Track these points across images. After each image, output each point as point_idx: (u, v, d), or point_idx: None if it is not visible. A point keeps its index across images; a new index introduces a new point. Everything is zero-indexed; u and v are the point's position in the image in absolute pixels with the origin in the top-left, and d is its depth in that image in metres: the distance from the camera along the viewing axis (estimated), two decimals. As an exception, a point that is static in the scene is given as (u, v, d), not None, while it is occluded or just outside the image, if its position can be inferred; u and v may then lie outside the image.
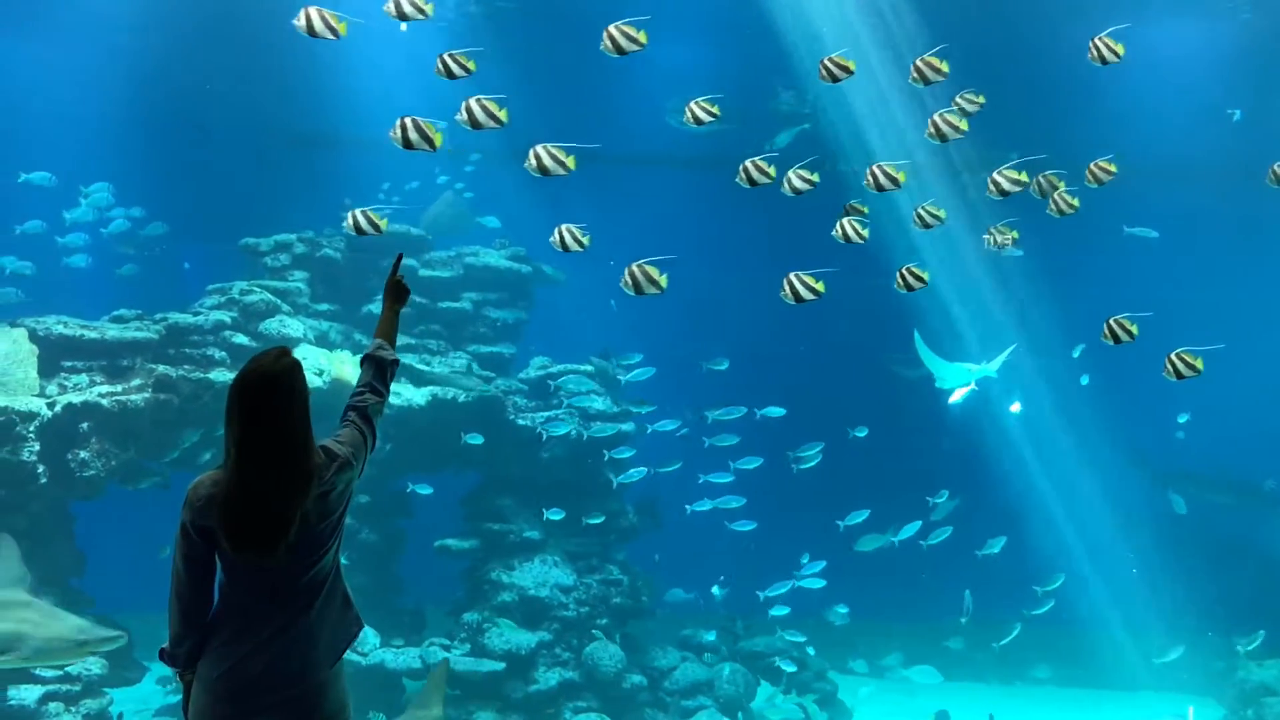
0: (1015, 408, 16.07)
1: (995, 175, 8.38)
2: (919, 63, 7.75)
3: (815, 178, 8.18)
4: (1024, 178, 8.49)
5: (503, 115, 6.87)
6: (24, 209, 16.31)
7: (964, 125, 7.99)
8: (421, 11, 7.16)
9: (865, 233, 8.06)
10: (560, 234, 7.44)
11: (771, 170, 7.76)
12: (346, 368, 13.22)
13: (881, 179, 7.80)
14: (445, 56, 6.95)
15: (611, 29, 7.04)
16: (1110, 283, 18.61)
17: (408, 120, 6.80)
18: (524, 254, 15.70)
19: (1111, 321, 7.94)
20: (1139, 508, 17.62)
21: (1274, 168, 8.39)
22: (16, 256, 15.92)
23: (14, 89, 17.72)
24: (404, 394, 13.52)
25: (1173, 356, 7.58)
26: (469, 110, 6.83)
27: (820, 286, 7.55)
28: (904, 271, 8.11)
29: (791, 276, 7.55)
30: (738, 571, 14.84)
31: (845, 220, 8.01)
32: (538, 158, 6.92)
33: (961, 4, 15.16)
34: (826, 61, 7.67)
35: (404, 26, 16.23)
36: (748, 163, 7.75)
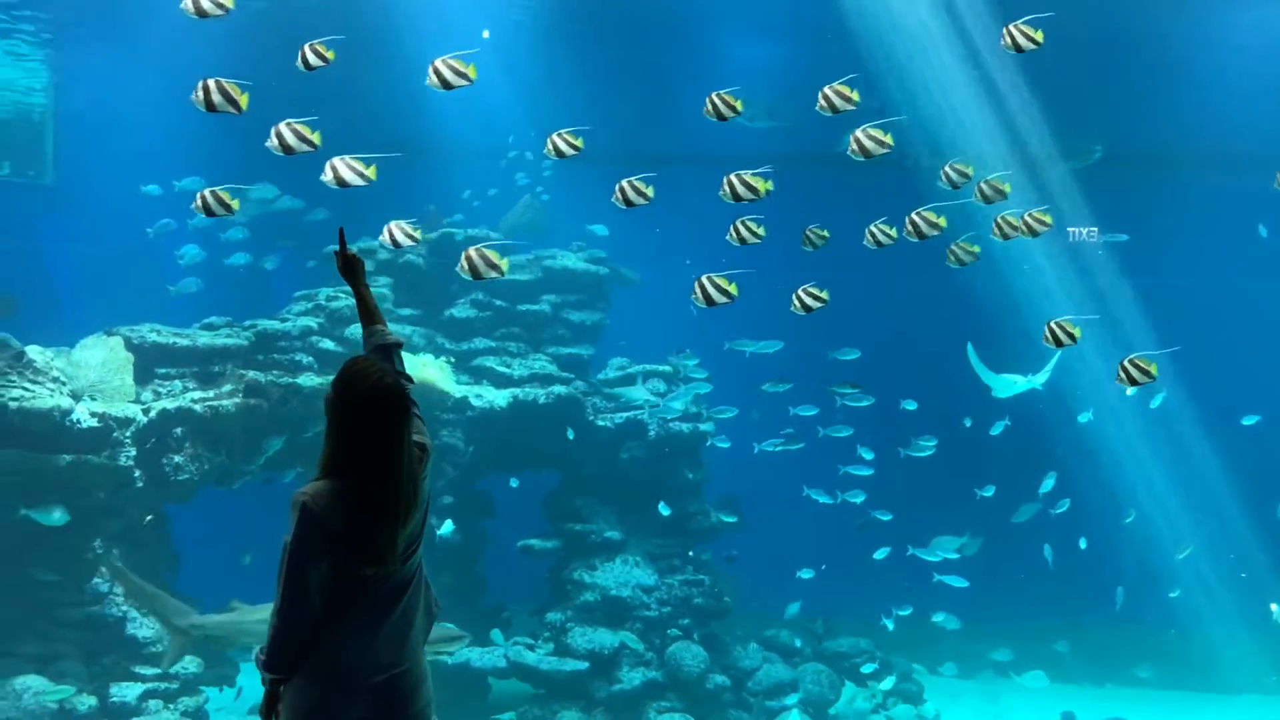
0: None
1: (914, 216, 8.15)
2: (827, 90, 7.40)
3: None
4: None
5: (315, 138, 6.72)
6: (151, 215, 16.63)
7: (888, 139, 7.67)
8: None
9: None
10: (390, 231, 7.38)
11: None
12: (431, 371, 13.44)
13: (739, 188, 7.54)
14: (305, 48, 6.83)
15: (438, 63, 6.84)
16: (1207, 276, 18.19)
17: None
18: (601, 256, 15.79)
19: (1053, 324, 7.65)
20: (1242, 511, 17.17)
21: None
22: (199, 246, 16.20)
23: (108, 101, 18.25)
24: (486, 395, 13.70)
25: (1125, 363, 7.20)
26: (279, 135, 6.71)
27: (733, 289, 7.35)
28: (800, 293, 7.96)
29: (703, 279, 7.37)
30: (825, 568, 14.67)
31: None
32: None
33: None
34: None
35: (486, 34, 16.47)
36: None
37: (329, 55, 6.87)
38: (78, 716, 10.63)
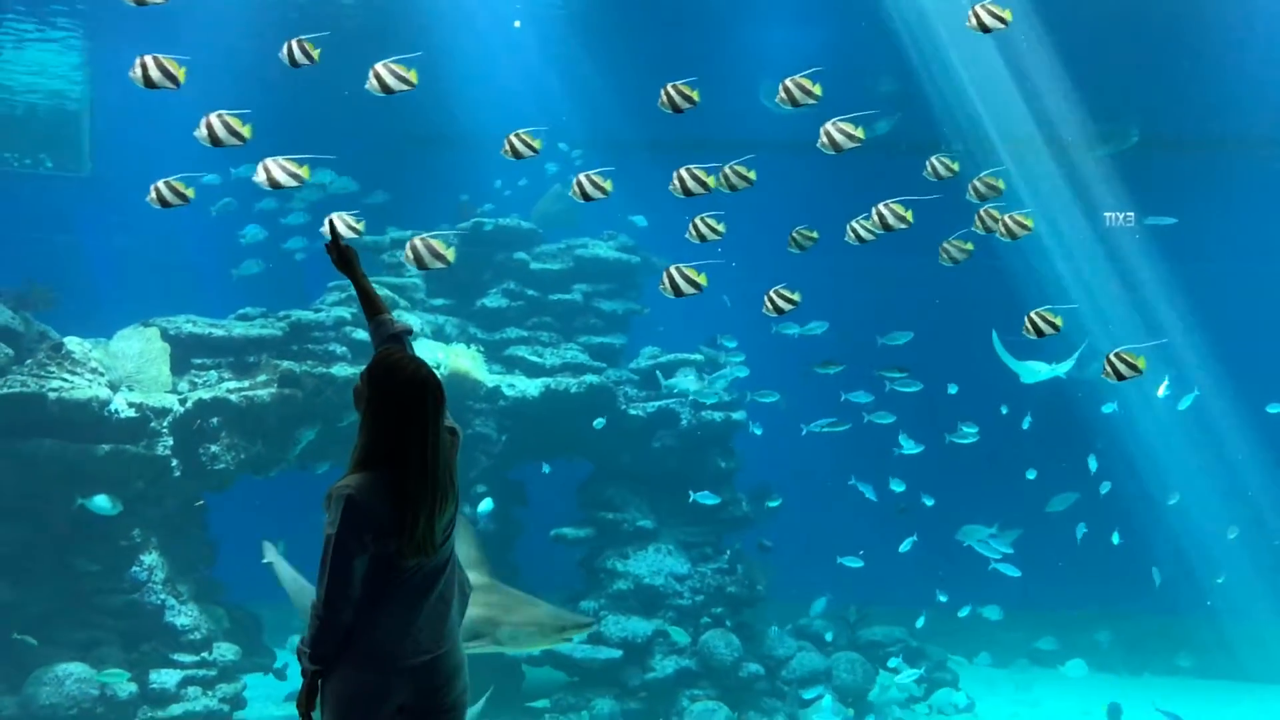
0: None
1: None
2: (789, 83, 7.34)
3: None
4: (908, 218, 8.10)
5: (246, 131, 6.68)
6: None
7: (859, 133, 7.58)
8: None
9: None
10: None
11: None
12: (463, 360, 13.49)
13: (689, 183, 7.49)
14: (291, 43, 6.78)
15: (379, 67, 6.83)
16: (1246, 261, 17.94)
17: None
18: (632, 245, 15.76)
19: (1033, 314, 7.53)
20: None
21: None
22: (260, 225, 16.23)
23: (143, 92, 18.32)
24: (518, 385, 13.72)
25: (1112, 357, 7.03)
26: (209, 126, 6.67)
27: (702, 279, 7.36)
28: (772, 294, 7.94)
29: (672, 269, 7.40)
30: (863, 553, 14.64)
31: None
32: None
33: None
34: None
35: (517, 24, 16.43)
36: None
37: (315, 54, 6.86)
38: (118, 703, 10.76)
